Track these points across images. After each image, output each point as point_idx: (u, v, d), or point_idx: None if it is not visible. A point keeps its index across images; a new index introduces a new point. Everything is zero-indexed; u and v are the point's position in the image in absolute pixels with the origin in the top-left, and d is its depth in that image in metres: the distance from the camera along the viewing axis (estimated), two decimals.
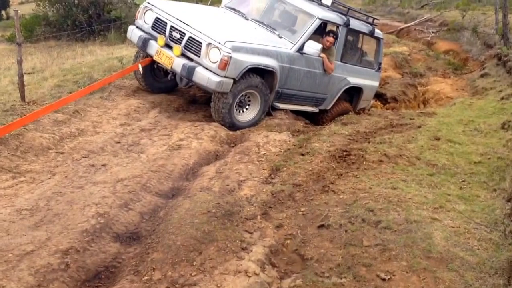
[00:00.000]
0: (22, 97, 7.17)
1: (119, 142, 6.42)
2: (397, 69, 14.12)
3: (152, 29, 7.84)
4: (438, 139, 7.23)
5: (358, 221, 4.64)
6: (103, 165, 5.67)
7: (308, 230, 4.66)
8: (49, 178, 5.32)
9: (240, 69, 7.18)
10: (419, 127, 7.88)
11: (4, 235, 4.15)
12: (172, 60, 7.39)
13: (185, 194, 5.20)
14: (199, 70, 7.16)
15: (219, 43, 7.07)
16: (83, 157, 5.90)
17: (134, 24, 8.24)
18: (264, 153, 6.44)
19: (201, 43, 7.20)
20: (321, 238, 4.48)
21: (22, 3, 39.31)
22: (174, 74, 7.80)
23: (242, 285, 3.71)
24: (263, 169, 5.98)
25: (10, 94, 7.77)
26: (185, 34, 7.39)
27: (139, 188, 5.21)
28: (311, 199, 5.21)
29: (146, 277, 3.77)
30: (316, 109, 9.05)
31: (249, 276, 3.82)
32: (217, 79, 7.04)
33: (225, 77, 7.09)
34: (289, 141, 7.01)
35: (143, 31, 7.97)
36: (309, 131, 7.71)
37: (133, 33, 8.06)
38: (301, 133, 7.58)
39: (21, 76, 7.15)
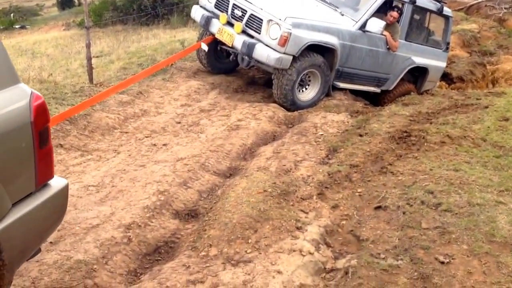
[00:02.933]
0: (90, 79, 7.46)
1: (179, 123, 6.58)
2: (464, 48, 13.61)
3: (215, 7, 7.94)
4: (506, 119, 6.93)
5: (417, 203, 4.54)
6: (164, 145, 5.84)
7: (364, 211, 4.63)
8: (114, 157, 5.54)
9: (300, 45, 7.17)
10: (486, 107, 7.58)
11: (72, 209, 4.38)
12: (233, 37, 7.45)
13: (242, 174, 5.27)
14: (259, 46, 7.20)
15: (280, 19, 7.09)
16: (146, 137, 6.10)
17: (198, 4, 8.40)
18: (322, 134, 6.41)
19: (261, 20, 7.25)
20: (377, 220, 4.44)
21: None
22: (236, 54, 7.83)
23: (296, 264, 3.75)
24: (320, 149, 5.96)
25: (80, 77, 8.11)
26: (246, 11, 7.44)
27: (198, 167, 5.34)
28: (369, 180, 5.16)
29: (203, 253, 3.87)
30: (378, 90, 8.88)
31: (304, 255, 3.85)
32: (276, 55, 7.07)
33: (284, 53, 7.10)
34: (347, 122, 6.95)
35: (206, 10, 8.09)
36: (368, 112, 7.59)
37: (197, 12, 8.21)
38: (360, 114, 7.48)
39: (89, 59, 7.44)
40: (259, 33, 7.29)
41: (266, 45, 7.19)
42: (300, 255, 3.85)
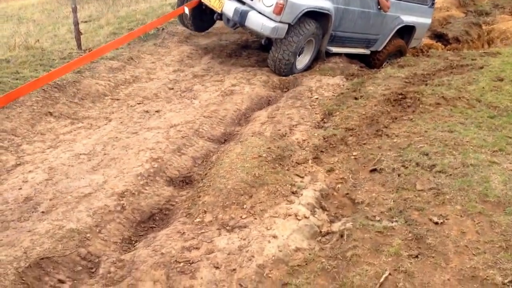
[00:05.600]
0: (79, 45, 7.33)
1: (172, 89, 6.49)
2: (460, 8, 13.47)
3: None
4: (501, 79, 6.88)
5: (412, 165, 4.52)
6: (157, 111, 5.77)
7: (360, 174, 4.61)
8: (106, 124, 5.46)
9: (296, 13, 6.92)
10: (481, 67, 7.51)
11: (64, 178, 4.32)
12: (223, 3, 7.17)
13: (236, 139, 5.22)
14: (252, 15, 6.89)
15: None
16: (138, 104, 6.01)
17: None
18: (317, 98, 6.35)
19: None
20: (372, 182, 4.42)
21: None
22: (220, 15, 7.53)
23: (292, 228, 3.73)
24: (316, 113, 5.91)
25: (68, 43, 7.96)
26: None
27: (192, 134, 5.28)
28: (364, 143, 5.12)
29: (197, 219, 3.85)
30: (367, 51, 8.80)
31: (299, 220, 3.84)
32: (271, 24, 6.80)
33: (280, 22, 6.84)
34: (343, 85, 6.88)
35: None
36: (363, 75, 7.52)
37: None
38: (355, 76, 7.41)
39: (76, 24, 7.29)
40: (252, 0, 6.99)
41: (259, 13, 6.89)
42: (295, 219, 3.84)
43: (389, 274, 3.19)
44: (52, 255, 3.39)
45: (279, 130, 5.38)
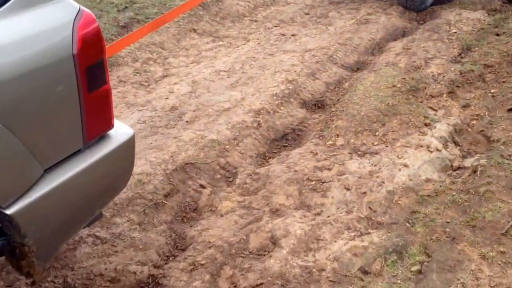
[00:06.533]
0: None
1: (308, 14, 6.54)
2: None
3: None
4: None
5: None
6: (293, 35, 5.88)
7: (497, 112, 4.46)
8: (244, 44, 5.69)
9: None
10: None
11: (206, 92, 4.63)
12: None
13: (370, 68, 5.23)
14: None
15: None
16: (275, 26, 6.15)
17: None
18: (455, 32, 6.09)
19: None
20: (510, 122, 4.27)
21: None
22: None
23: (423, 159, 3.77)
24: (453, 47, 5.70)
25: None
26: None
27: (326, 59, 5.36)
28: (503, 81, 4.91)
29: (330, 142, 4.00)
30: None
31: (431, 151, 3.86)
32: None
33: None
34: (484, 20, 6.51)
35: None
36: (507, 11, 7.04)
37: None
38: (498, 12, 6.94)
39: None
40: None
41: None
42: (427, 151, 3.86)
43: None
44: (195, 162, 3.73)
45: (414, 62, 5.29)
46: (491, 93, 4.76)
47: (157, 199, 3.41)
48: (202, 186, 3.63)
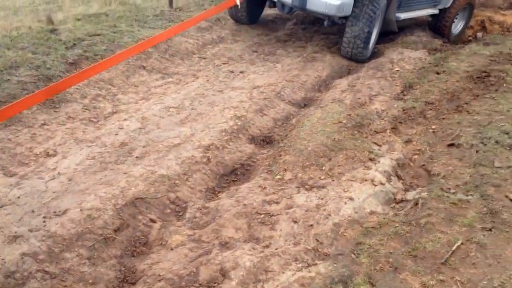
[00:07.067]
0: (170, 3, 7.63)
1: (256, 51, 6.69)
2: None
3: None
4: None
5: (491, 142, 4.53)
6: (241, 72, 6.00)
7: (437, 147, 4.67)
8: (193, 81, 5.77)
9: None
10: None
11: (155, 128, 4.65)
12: None
13: (317, 104, 5.39)
14: None
15: None
16: (223, 63, 6.26)
17: None
18: (398, 70, 6.38)
19: None
20: (450, 156, 4.48)
21: None
22: (274, 2, 6.80)
23: (368, 192, 3.89)
24: (396, 85, 5.97)
25: (158, 0, 8.28)
26: None
27: (274, 96, 5.49)
28: (443, 118, 5.16)
29: (278, 176, 4.08)
30: (436, 10, 7.89)
31: (375, 185, 3.99)
32: (337, 2, 6.10)
33: None
34: (425, 59, 6.85)
35: None
36: (446, 50, 7.43)
37: None
38: (438, 51, 7.34)
39: None
40: None
41: None
42: (371, 184, 3.99)
43: (462, 243, 3.29)
44: (145, 196, 3.72)
45: (359, 98, 5.50)
46: (432, 129, 4.98)
47: (107, 233, 3.38)
48: (152, 221, 3.62)
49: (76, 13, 7.33)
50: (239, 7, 6.68)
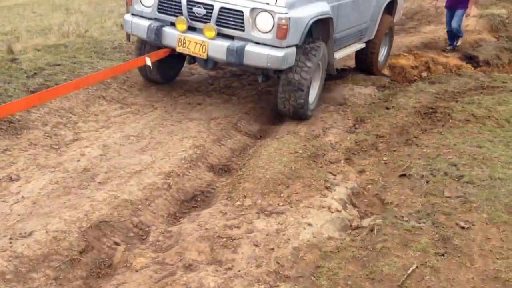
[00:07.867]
0: (128, 37, 7.69)
1: (212, 84, 6.85)
2: (492, 32, 13.55)
3: (159, 11, 5.75)
4: None
5: (440, 173, 4.74)
6: (199, 104, 6.11)
7: (389, 178, 4.87)
8: (152, 111, 5.83)
9: (302, 29, 5.46)
10: None
11: (116, 155, 4.70)
12: (206, 46, 5.47)
13: (273, 136, 5.54)
14: (250, 49, 5.31)
15: (267, 3, 5.25)
16: (180, 96, 6.36)
17: (129, 13, 6.08)
18: (349, 105, 6.64)
19: (240, 11, 5.32)
20: (401, 186, 4.68)
21: None
22: (194, 58, 6.00)
23: (325, 219, 4.02)
24: (348, 119, 6.20)
25: (115, 34, 8.37)
26: (213, 6, 5.42)
27: (230, 127, 5.62)
28: (394, 150, 5.39)
29: (238, 203, 4.16)
30: (362, 44, 7.69)
31: (332, 212, 4.12)
32: (279, 53, 5.29)
33: (287, 47, 5.37)
34: (374, 95, 7.16)
35: (146, 17, 5.84)
36: (395, 87, 7.78)
37: (135, 25, 5.86)
38: (387, 88, 7.67)
39: None
40: (242, 30, 5.37)
41: (257, 43, 5.37)
42: (328, 211, 4.12)
43: (416, 267, 3.43)
44: (109, 220, 3.75)
45: (313, 131, 5.69)
46: (384, 160, 5.19)
47: (73, 255, 3.40)
48: (116, 243, 3.66)
49: (34, 43, 7.33)
50: (151, 67, 5.95)
